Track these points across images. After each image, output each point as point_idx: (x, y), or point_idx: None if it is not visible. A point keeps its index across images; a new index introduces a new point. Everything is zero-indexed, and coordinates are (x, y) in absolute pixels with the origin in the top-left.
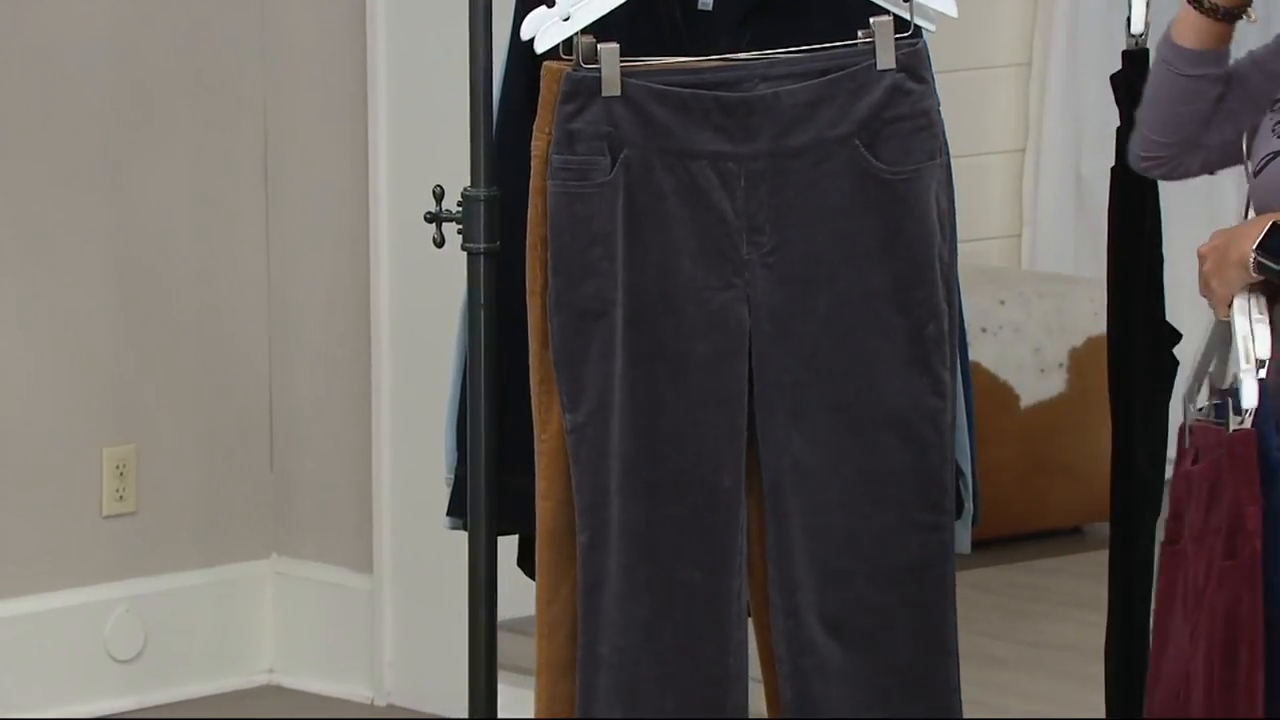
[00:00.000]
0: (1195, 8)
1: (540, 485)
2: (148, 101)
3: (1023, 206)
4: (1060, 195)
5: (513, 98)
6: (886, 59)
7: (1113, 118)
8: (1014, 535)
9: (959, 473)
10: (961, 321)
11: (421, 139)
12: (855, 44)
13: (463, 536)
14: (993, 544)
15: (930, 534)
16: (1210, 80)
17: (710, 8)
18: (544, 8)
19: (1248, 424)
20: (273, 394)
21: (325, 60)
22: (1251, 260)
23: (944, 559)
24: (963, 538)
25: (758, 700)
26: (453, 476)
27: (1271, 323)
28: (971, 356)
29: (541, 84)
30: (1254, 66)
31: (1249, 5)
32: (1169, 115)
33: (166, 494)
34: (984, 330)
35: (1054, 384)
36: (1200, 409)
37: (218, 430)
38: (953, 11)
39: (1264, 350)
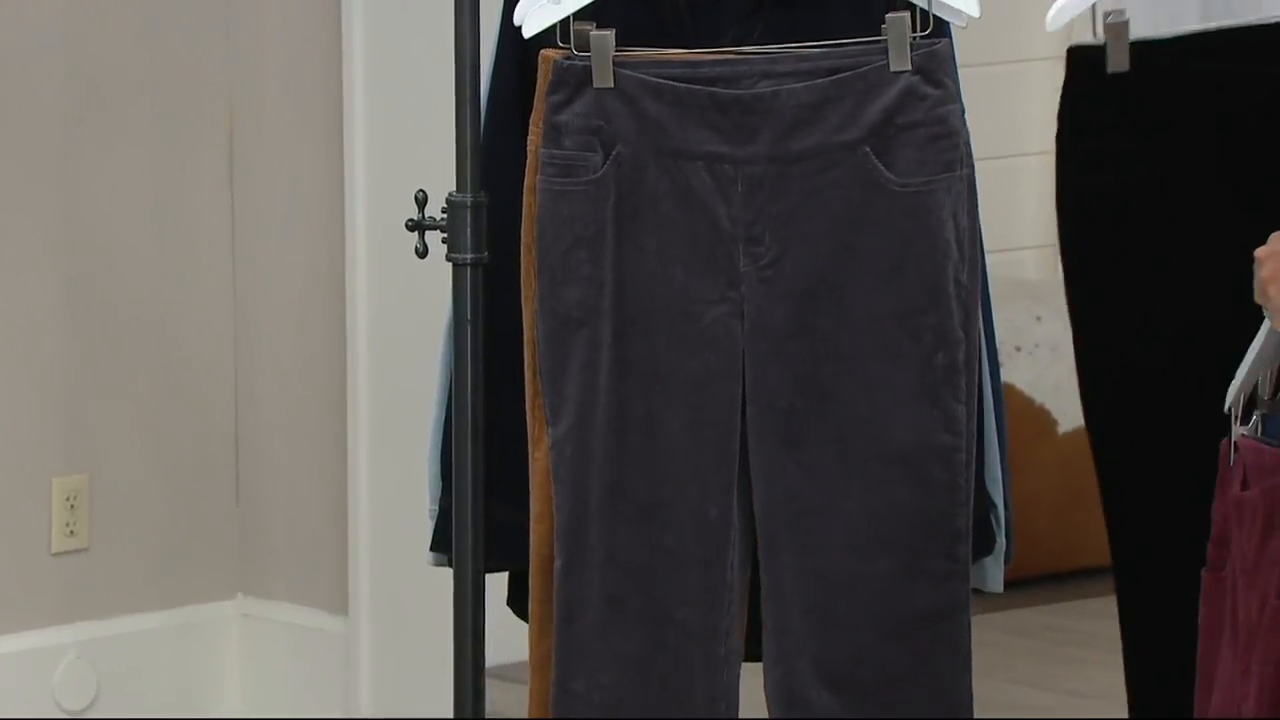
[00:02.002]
0: None
1: (534, 508)
2: (100, 96)
3: None
4: None
5: (501, 93)
6: (901, 60)
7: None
8: (1051, 574)
9: (990, 504)
10: (992, 340)
11: (402, 138)
12: (869, 41)
13: (447, 574)
14: (1028, 583)
15: (943, 583)
16: None
17: None
18: None
19: None
20: (238, 419)
21: (296, 50)
22: None
23: (958, 611)
24: (995, 576)
25: None
26: (436, 508)
27: None
28: (1005, 378)
29: (538, 73)
30: None
31: None
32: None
33: (121, 528)
34: (1018, 349)
35: None
36: (1247, 425)
37: (178, 458)
38: (974, 10)
39: None
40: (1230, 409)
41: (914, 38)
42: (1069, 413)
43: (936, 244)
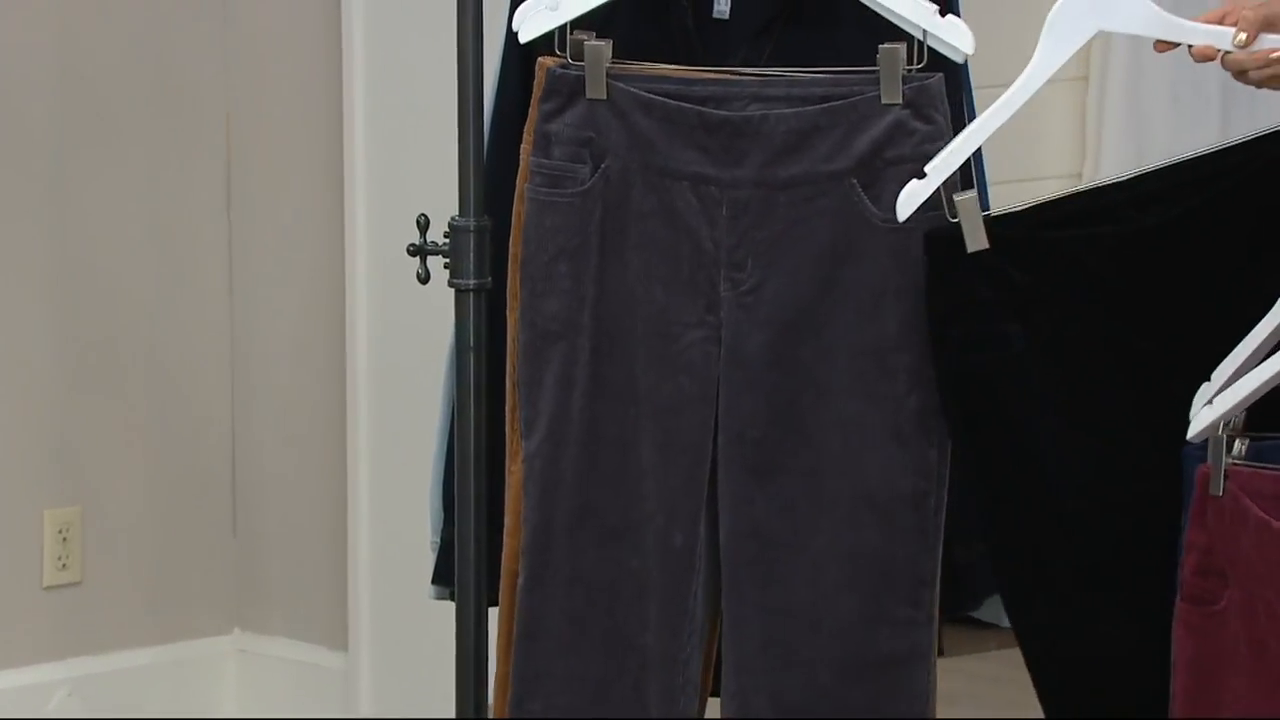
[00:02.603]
0: None
1: (506, 522)
2: (93, 114)
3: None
4: None
5: (505, 109)
6: (892, 93)
7: (1180, 140)
8: None
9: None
10: None
11: (404, 160)
12: (864, 71)
13: (449, 608)
14: None
15: (905, 629)
16: None
17: (726, 15)
18: (535, 0)
19: None
20: (235, 448)
21: (295, 67)
22: None
23: (919, 657)
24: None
25: None
26: (439, 541)
27: None
28: None
29: (534, 80)
30: None
31: None
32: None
33: (115, 562)
34: None
35: None
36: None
37: (173, 489)
38: (968, 47)
39: None
40: (1219, 434)
41: (908, 70)
42: None
43: (917, 283)
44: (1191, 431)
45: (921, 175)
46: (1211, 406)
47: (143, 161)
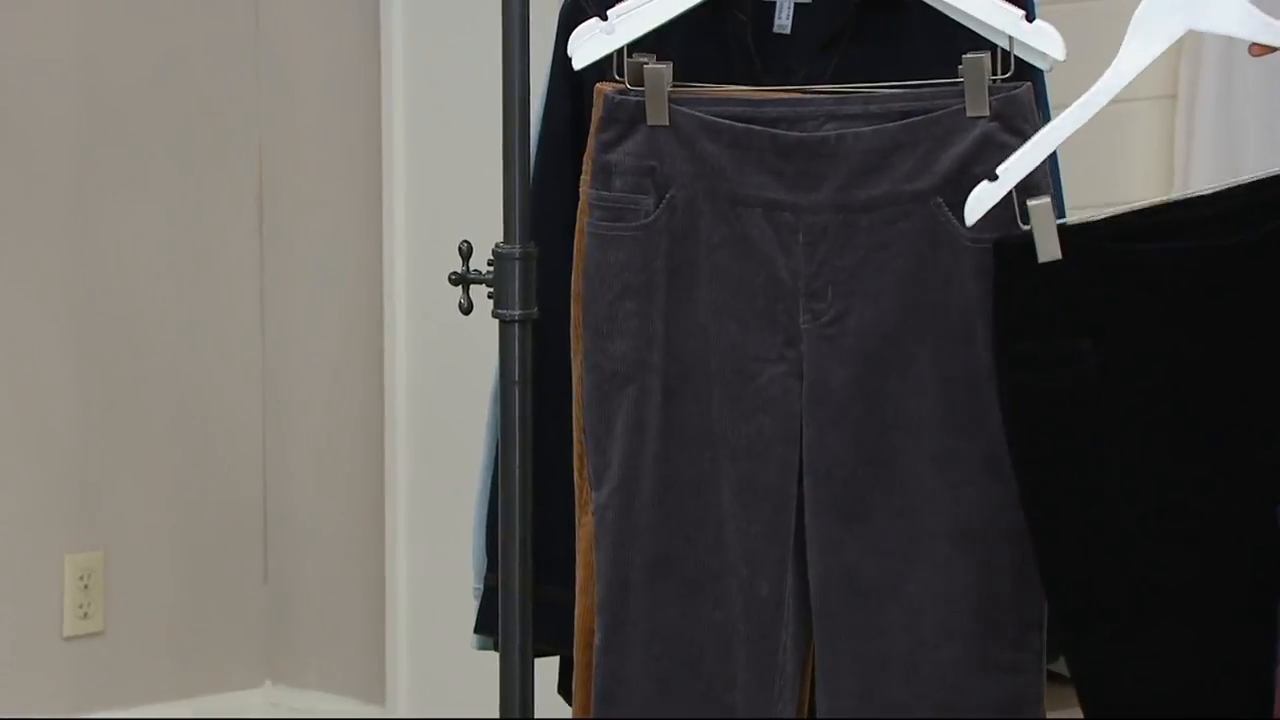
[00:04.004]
0: None
1: (578, 577)
2: (119, 138)
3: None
4: None
5: (553, 132)
6: (978, 105)
7: (1275, 161)
8: None
9: None
10: None
11: (446, 184)
12: (945, 84)
13: (493, 658)
14: None
15: (1010, 676)
16: None
17: (788, 30)
18: (595, 20)
19: None
20: (267, 490)
21: (331, 88)
22: None
23: (1027, 705)
24: None
25: None
26: (482, 587)
27: None
28: None
29: (592, 108)
30: None
31: None
32: None
33: (140, 610)
34: None
35: None
36: None
37: (201, 533)
38: (1059, 53)
39: None
40: None
41: (993, 80)
42: None
43: None
44: None
45: (993, 178)
46: None
47: (169, 185)
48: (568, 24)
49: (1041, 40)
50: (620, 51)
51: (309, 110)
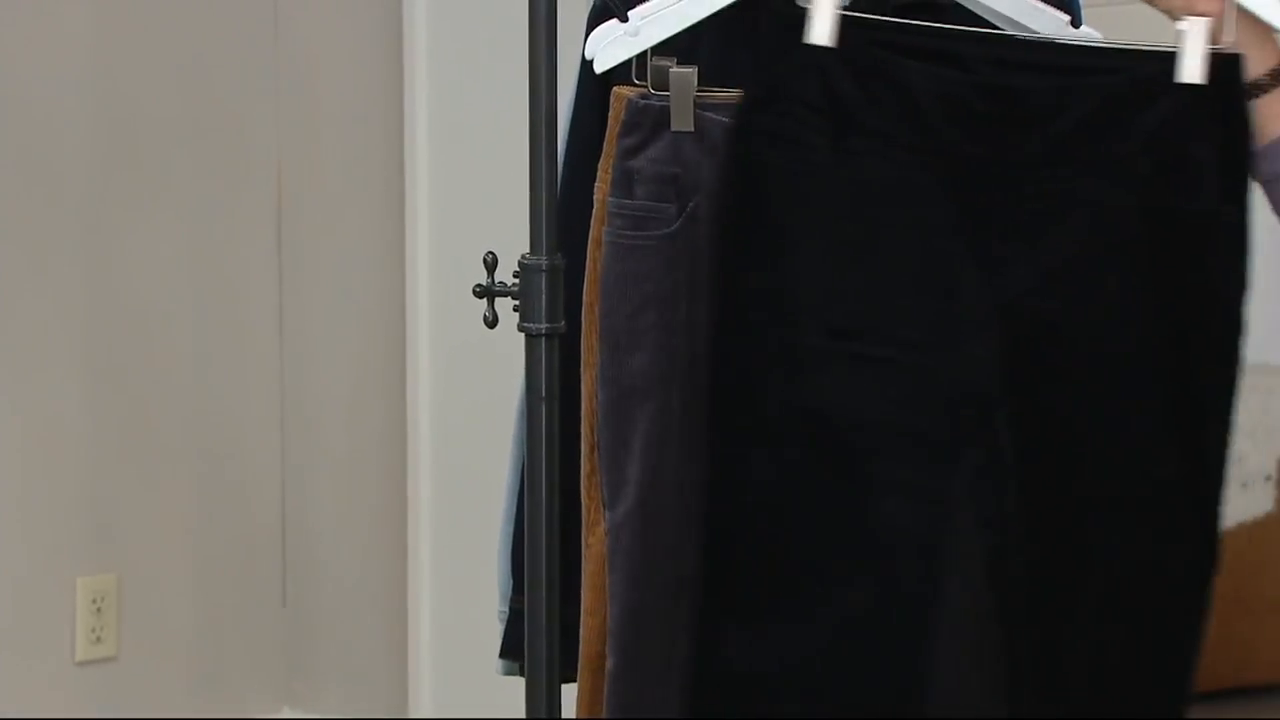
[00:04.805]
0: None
1: (585, 599)
2: (136, 153)
3: None
4: (1265, 264)
5: (580, 140)
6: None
7: None
8: (1212, 691)
9: None
10: None
11: (470, 196)
12: None
13: (519, 684)
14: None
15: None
16: None
17: None
18: (614, 21)
19: None
20: (285, 510)
21: (351, 99)
22: None
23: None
24: None
25: None
26: (507, 610)
27: None
28: None
29: (610, 112)
30: None
31: None
32: None
33: (154, 635)
34: None
35: (1260, 501)
36: None
37: (217, 555)
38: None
39: None
40: None
41: None
42: (1230, 506)
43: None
44: None
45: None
46: None
47: (185, 201)
48: (596, 23)
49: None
50: (644, 55)
51: (329, 121)
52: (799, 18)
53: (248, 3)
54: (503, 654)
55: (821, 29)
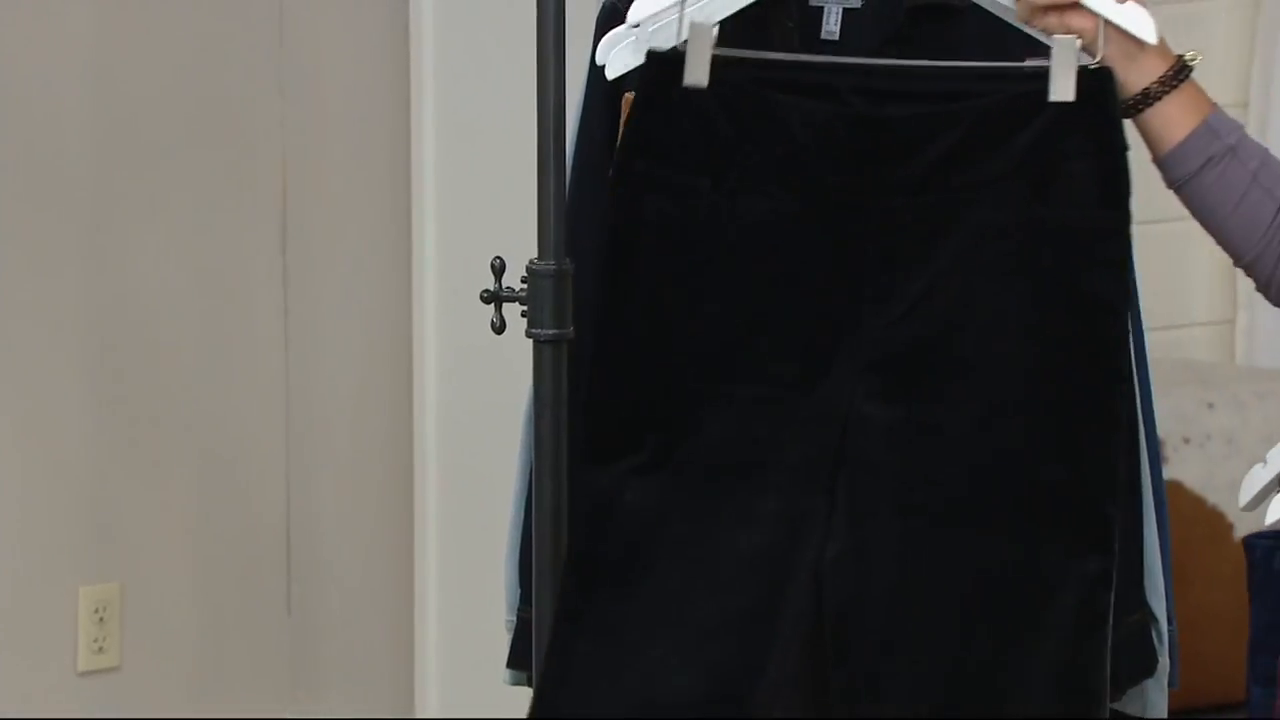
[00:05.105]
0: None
1: None
2: (138, 155)
3: (1236, 286)
4: None
5: (590, 143)
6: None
7: None
8: (1226, 703)
9: (1151, 619)
10: (1153, 430)
11: (477, 199)
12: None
13: (526, 694)
14: (1197, 714)
15: None
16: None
17: (836, 37)
18: (624, 27)
19: None
20: (290, 517)
21: (357, 101)
22: None
23: None
24: (1157, 702)
25: None
26: (515, 619)
27: None
28: (1170, 474)
29: (621, 120)
30: None
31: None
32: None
33: (157, 644)
34: (1187, 441)
35: None
36: None
37: (221, 563)
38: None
39: None
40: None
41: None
42: (1247, 515)
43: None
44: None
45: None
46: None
47: (188, 203)
48: (606, 29)
49: (1130, 19)
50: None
51: (334, 124)
52: (676, 59)
53: (252, 4)
54: (510, 664)
55: (696, 71)
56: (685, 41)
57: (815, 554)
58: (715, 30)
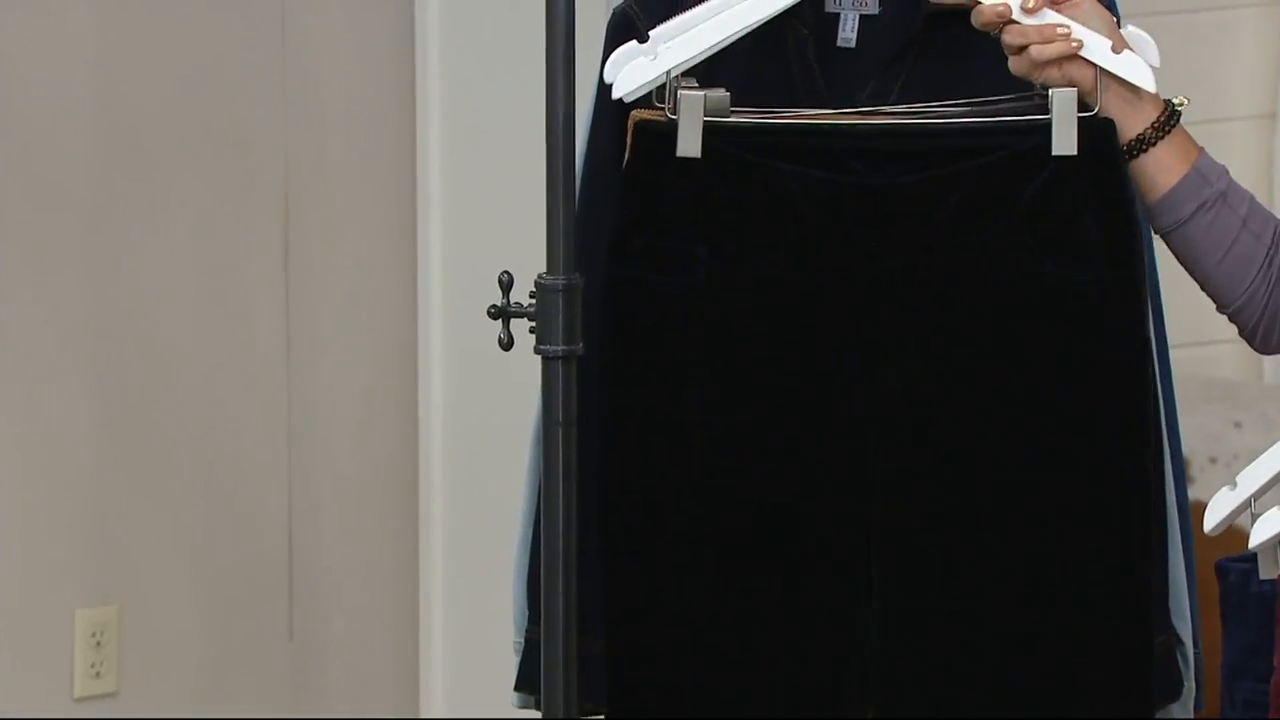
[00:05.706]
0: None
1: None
2: (139, 161)
3: None
4: None
5: (599, 157)
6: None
7: None
8: None
9: (1177, 642)
10: (1179, 451)
11: (484, 212)
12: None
13: (535, 716)
14: None
15: None
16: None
17: (853, 44)
18: (634, 43)
19: None
20: (293, 539)
21: (361, 108)
22: None
23: None
24: None
25: None
26: (522, 641)
27: None
28: (1196, 494)
29: (628, 139)
30: None
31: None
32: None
33: (156, 669)
34: (1213, 461)
35: None
36: None
37: (222, 587)
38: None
39: None
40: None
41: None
42: None
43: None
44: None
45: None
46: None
47: (190, 215)
48: (616, 39)
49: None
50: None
51: (338, 131)
52: (669, 131)
53: (255, 8)
54: (518, 686)
55: (689, 141)
56: (677, 108)
57: (859, 637)
58: (704, 98)
